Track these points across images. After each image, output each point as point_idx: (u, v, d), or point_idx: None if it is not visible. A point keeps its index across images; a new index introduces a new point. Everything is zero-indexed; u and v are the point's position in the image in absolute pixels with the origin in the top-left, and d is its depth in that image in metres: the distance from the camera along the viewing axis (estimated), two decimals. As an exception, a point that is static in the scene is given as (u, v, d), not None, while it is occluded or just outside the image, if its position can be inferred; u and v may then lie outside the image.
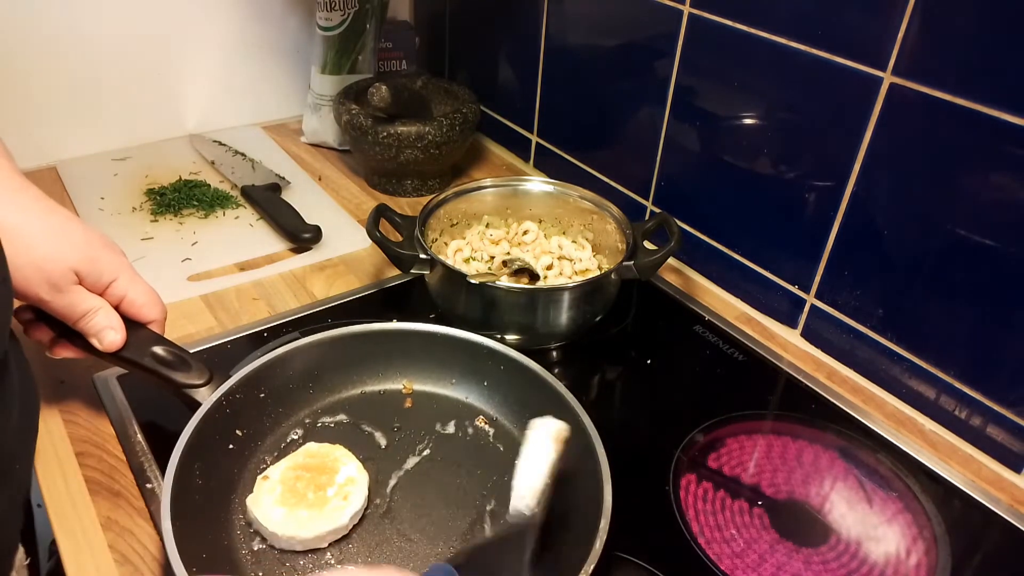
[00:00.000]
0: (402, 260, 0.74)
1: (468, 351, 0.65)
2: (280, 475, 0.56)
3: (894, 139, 0.65)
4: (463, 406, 0.66)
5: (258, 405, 0.61)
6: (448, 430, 0.64)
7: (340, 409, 0.65)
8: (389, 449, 0.62)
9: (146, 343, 0.59)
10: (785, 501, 0.62)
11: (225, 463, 0.57)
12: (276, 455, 0.60)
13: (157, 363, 0.59)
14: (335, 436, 0.62)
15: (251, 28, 1.09)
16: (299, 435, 0.62)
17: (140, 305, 0.60)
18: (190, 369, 0.59)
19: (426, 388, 0.67)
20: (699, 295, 0.85)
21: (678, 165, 0.87)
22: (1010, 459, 0.65)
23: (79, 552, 0.54)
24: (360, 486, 0.56)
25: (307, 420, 0.63)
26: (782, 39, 0.71)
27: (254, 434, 0.60)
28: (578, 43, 0.95)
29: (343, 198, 0.99)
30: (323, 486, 0.55)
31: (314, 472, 0.56)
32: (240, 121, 1.15)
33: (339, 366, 0.65)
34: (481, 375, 0.66)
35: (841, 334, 0.75)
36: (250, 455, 0.59)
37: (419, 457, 0.62)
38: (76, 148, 1.02)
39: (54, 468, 0.60)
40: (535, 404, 0.60)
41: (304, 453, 0.58)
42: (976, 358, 0.65)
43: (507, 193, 0.85)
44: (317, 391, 0.64)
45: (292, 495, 0.54)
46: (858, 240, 0.70)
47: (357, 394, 0.66)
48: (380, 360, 0.66)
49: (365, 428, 0.64)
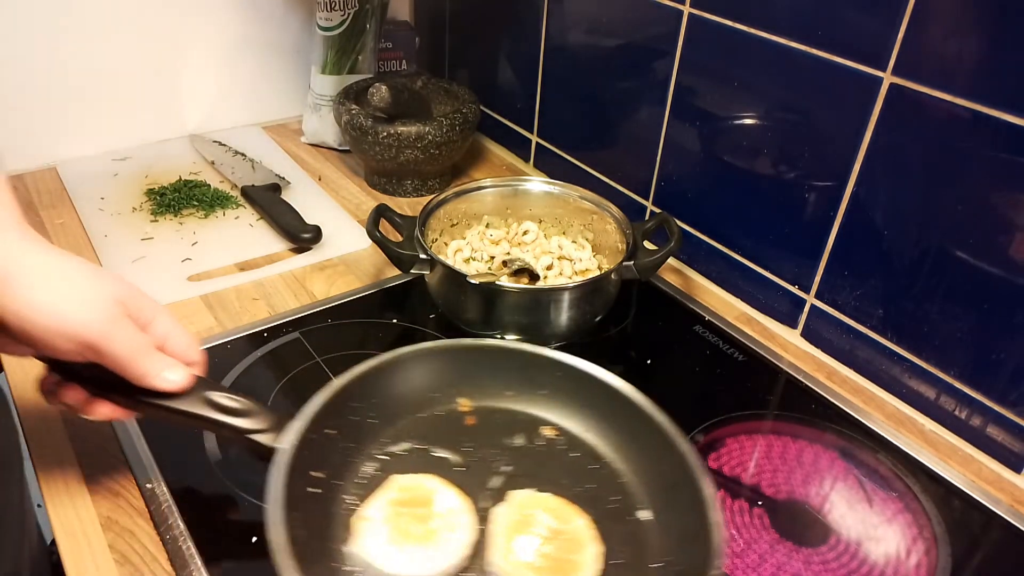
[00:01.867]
0: (402, 260, 0.74)
1: (521, 361, 0.63)
2: (380, 514, 0.51)
3: (894, 139, 0.65)
4: (527, 417, 0.62)
5: (329, 443, 0.55)
6: (518, 442, 0.61)
7: (405, 436, 0.60)
8: (469, 470, 0.58)
9: (199, 389, 0.52)
10: (785, 501, 0.62)
11: (314, 508, 0.52)
12: (361, 493, 0.55)
13: (218, 411, 0.52)
14: (409, 465, 0.58)
15: (251, 28, 1.09)
16: (373, 468, 0.57)
17: (185, 346, 0.53)
18: (254, 414, 0.53)
19: (485, 404, 0.63)
20: (699, 295, 0.85)
21: (678, 165, 0.87)
22: (1010, 459, 0.65)
23: (79, 552, 0.54)
24: (465, 513, 0.53)
25: (375, 452, 0.59)
26: (782, 39, 0.71)
27: (333, 474, 0.55)
28: (578, 43, 0.95)
29: (343, 198, 0.99)
30: (425, 519, 0.51)
31: (412, 506, 0.52)
32: (240, 121, 1.15)
33: (396, 391, 0.61)
34: (538, 384, 0.63)
35: (841, 334, 0.75)
36: (333, 496, 0.54)
37: (503, 476, 0.58)
38: (76, 148, 1.02)
39: (54, 468, 0.60)
40: (600, 407, 0.60)
41: (395, 487, 0.54)
42: (976, 358, 0.65)
43: (507, 193, 0.85)
44: (381, 421, 0.60)
45: (398, 533, 0.50)
46: (858, 240, 0.70)
47: (417, 418, 0.62)
48: (434, 380, 0.63)
49: (436, 452, 0.59)
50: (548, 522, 0.52)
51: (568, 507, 0.54)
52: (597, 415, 0.61)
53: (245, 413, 0.53)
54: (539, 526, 0.52)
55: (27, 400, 0.65)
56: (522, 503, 0.54)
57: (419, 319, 0.78)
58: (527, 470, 0.58)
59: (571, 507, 0.54)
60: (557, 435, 0.61)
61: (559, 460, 0.60)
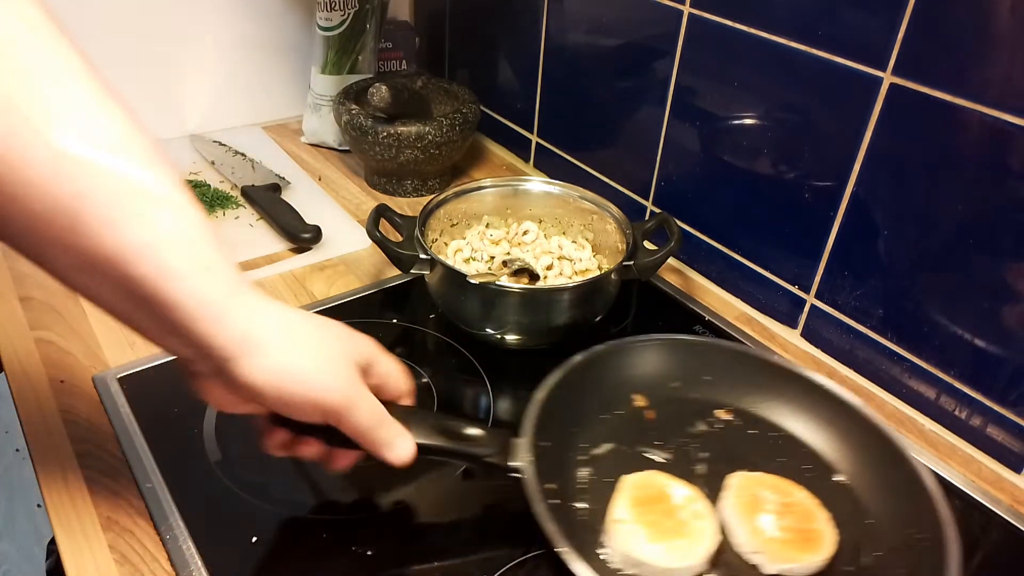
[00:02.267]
0: (402, 260, 0.74)
1: (685, 350, 0.67)
2: (629, 515, 0.53)
3: (894, 139, 0.65)
4: (699, 404, 0.65)
5: (549, 454, 0.56)
6: (700, 428, 0.64)
7: (600, 439, 0.62)
8: (672, 462, 0.61)
9: (426, 420, 0.53)
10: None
11: (561, 520, 0.52)
12: (587, 498, 0.57)
13: (454, 441, 0.53)
14: (615, 464, 0.59)
15: (251, 28, 1.09)
16: (587, 472, 0.59)
17: (402, 382, 0.52)
18: (480, 437, 0.54)
19: (658, 396, 0.66)
20: (699, 295, 0.85)
21: (678, 165, 0.87)
22: (1010, 459, 0.65)
23: (79, 552, 0.54)
24: (700, 500, 0.55)
25: (581, 457, 0.61)
26: (782, 39, 0.71)
27: (561, 485, 0.57)
28: (578, 43, 0.95)
29: (343, 198, 0.99)
30: (671, 512, 0.53)
31: (653, 502, 0.54)
32: (240, 121, 1.15)
33: (582, 398, 0.63)
34: (700, 371, 0.66)
35: (841, 334, 0.75)
36: (568, 505, 0.56)
37: (704, 462, 0.61)
38: (76, 148, 1.02)
39: (54, 468, 0.60)
40: (762, 381, 0.65)
41: (629, 486, 0.56)
42: (976, 358, 0.65)
43: (507, 193, 0.85)
44: (575, 428, 0.62)
45: (655, 529, 0.52)
46: (858, 240, 0.70)
47: (603, 420, 0.64)
48: (608, 382, 0.65)
49: (635, 449, 0.62)
50: (774, 498, 0.55)
51: (782, 481, 0.57)
52: (762, 390, 0.65)
53: (474, 438, 0.54)
54: (769, 503, 0.55)
55: (27, 400, 0.65)
56: (742, 485, 0.57)
57: (419, 319, 0.78)
58: (721, 453, 0.61)
59: (785, 481, 0.57)
60: (731, 416, 0.65)
61: (743, 439, 0.63)
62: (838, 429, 0.61)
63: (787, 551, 0.52)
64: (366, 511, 0.58)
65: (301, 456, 0.52)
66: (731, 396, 0.66)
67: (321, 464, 0.53)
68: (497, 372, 0.72)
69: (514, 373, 0.72)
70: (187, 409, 0.65)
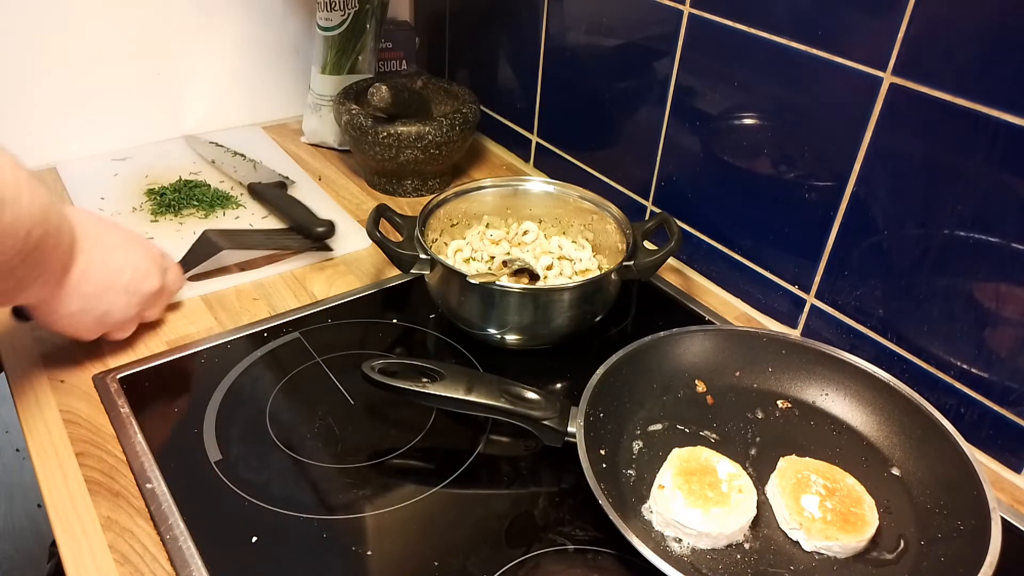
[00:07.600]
0: (402, 260, 0.74)
1: (746, 343, 0.70)
2: (672, 482, 0.57)
3: (894, 139, 0.65)
4: (759, 393, 0.69)
5: (600, 424, 0.62)
6: (759, 415, 0.67)
7: (656, 418, 0.66)
8: (725, 443, 0.64)
9: (490, 384, 0.60)
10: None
11: (608, 481, 0.58)
12: (637, 467, 0.61)
13: (518, 403, 0.59)
14: (669, 441, 0.63)
15: (251, 28, 1.09)
16: (639, 446, 0.63)
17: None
18: (541, 403, 0.60)
19: (718, 383, 0.69)
20: (699, 295, 0.85)
21: (678, 165, 0.87)
22: (1010, 459, 0.65)
23: (79, 552, 0.54)
24: (744, 476, 0.58)
25: (636, 431, 0.65)
26: (782, 39, 0.71)
27: (611, 452, 0.61)
28: (578, 43, 0.95)
29: (343, 198, 0.99)
30: (715, 484, 0.57)
31: (699, 474, 0.57)
32: (240, 121, 1.15)
33: (642, 378, 0.67)
34: (764, 362, 0.69)
35: (841, 334, 0.75)
36: (616, 471, 0.61)
37: (756, 446, 0.64)
38: (76, 148, 1.02)
39: (54, 468, 0.60)
40: (824, 378, 0.67)
41: (677, 458, 0.59)
42: (976, 358, 0.65)
43: (507, 193, 0.85)
44: (632, 405, 0.66)
45: (696, 496, 0.55)
46: (858, 240, 0.70)
47: (663, 401, 0.67)
48: (671, 366, 0.69)
49: (689, 429, 0.65)
50: (822, 481, 0.58)
51: (833, 468, 0.60)
52: (823, 383, 0.68)
53: (533, 402, 0.60)
54: (816, 485, 0.58)
55: (27, 400, 0.65)
56: (792, 467, 0.60)
57: (419, 319, 0.78)
58: (776, 439, 0.64)
59: (836, 468, 0.60)
60: (790, 407, 0.68)
61: (801, 429, 0.66)
62: (898, 424, 0.63)
63: (828, 529, 0.55)
64: (366, 511, 0.58)
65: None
66: (792, 387, 0.69)
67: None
68: (497, 372, 0.71)
69: (514, 373, 0.72)
70: (187, 409, 0.65)
